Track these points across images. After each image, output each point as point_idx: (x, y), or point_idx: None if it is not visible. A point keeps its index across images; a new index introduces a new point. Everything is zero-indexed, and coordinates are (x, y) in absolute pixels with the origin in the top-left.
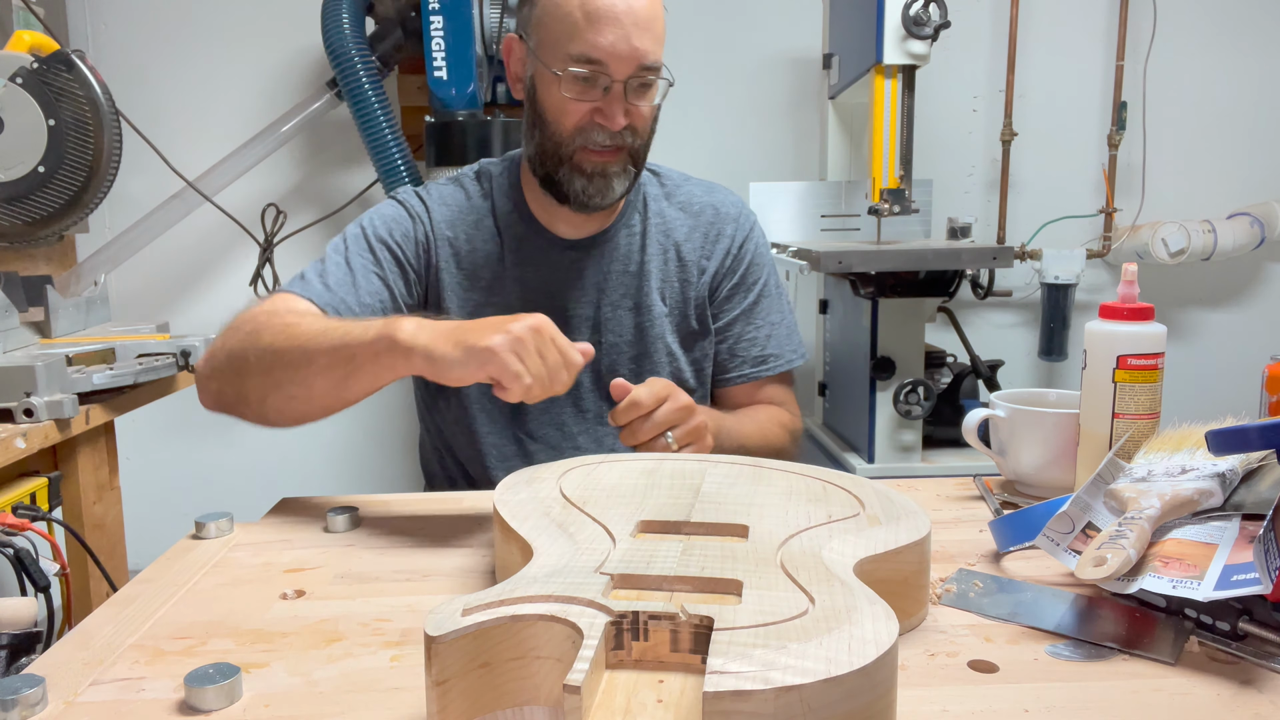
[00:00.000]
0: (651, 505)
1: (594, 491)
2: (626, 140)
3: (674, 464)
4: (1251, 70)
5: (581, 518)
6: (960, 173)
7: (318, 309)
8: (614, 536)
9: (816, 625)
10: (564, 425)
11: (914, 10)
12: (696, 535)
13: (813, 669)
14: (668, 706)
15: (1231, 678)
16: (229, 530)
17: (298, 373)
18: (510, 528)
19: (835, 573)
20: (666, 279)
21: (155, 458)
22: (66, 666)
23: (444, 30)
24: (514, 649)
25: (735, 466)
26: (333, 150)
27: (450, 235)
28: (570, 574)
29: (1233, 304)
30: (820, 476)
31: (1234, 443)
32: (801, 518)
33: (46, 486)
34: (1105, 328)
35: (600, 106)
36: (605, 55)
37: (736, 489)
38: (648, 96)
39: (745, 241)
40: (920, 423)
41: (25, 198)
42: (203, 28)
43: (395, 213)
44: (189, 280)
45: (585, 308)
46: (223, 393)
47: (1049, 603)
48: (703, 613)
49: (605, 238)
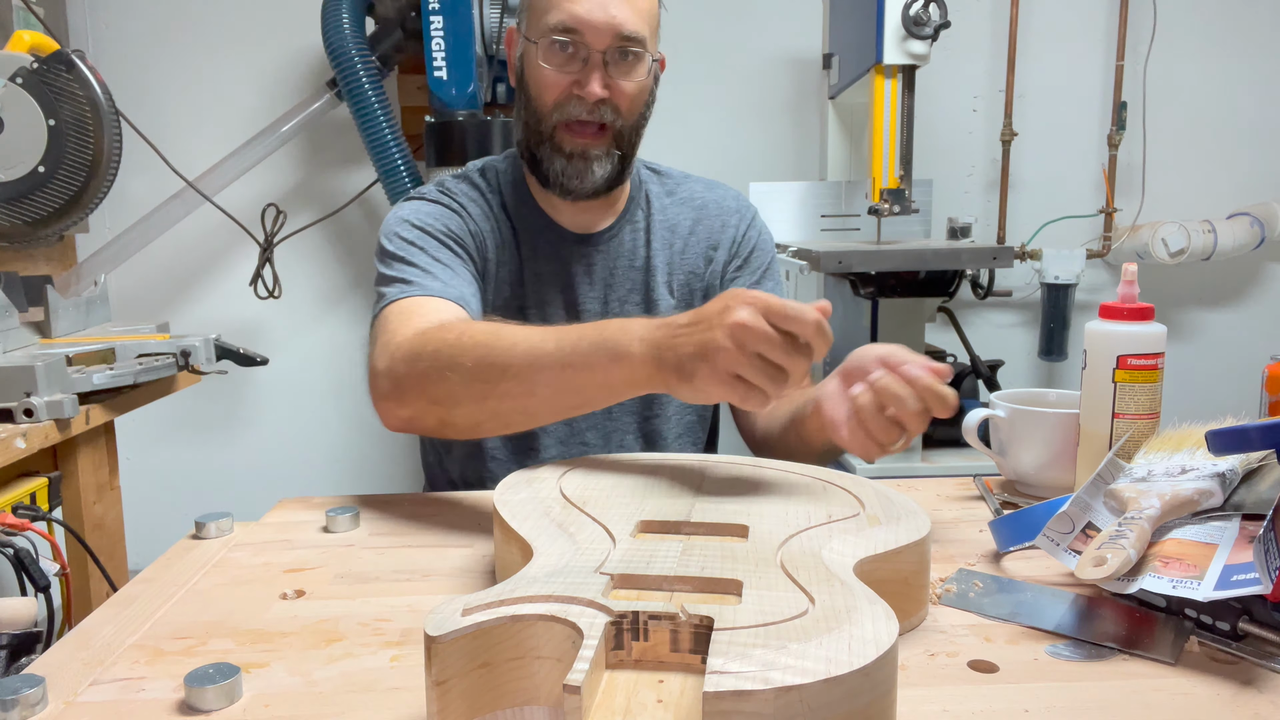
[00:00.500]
0: (651, 505)
1: (594, 491)
2: (607, 118)
3: (674, 464)
4: (1251, 70)
5: (581, 518)
6: (960, 173)
7: (446, 301)
8: (614, 536)
9: (816, 625)
10: (571, 421)
11: (914, 10)
12: (696, 535)
13: (813, 669)
14: (667, 706)
15: (1231, 678)
16: (229, 530)
17: (525, 394)
18: (510, 528)
19: (835, 573)
20: (672, 273)
21: (155, 458)
22: (66, 666)
23: (444, 30)
24: (514, 649)
25: (735, 466)
26: (333, 150)
27: (475, 229)
28: (570, 574)
29: (1233, 304)
30: (820, 476)
31: (1234, 443)
32: (801, 517)
33: (46, 486)
34: (1105, 328)
35: (579, 78)
36: (580, 24)
37: (736, 488)
38: (631, 73)
39: (749, 230)
40: None
41: (25, 198)
42: (203, 28)
43: (436, 210)
44: (189, 280)
45: (594, 302)
46: (417, 419)
47: (1048, 603)
48: (702, 613)
49: (611, 233)
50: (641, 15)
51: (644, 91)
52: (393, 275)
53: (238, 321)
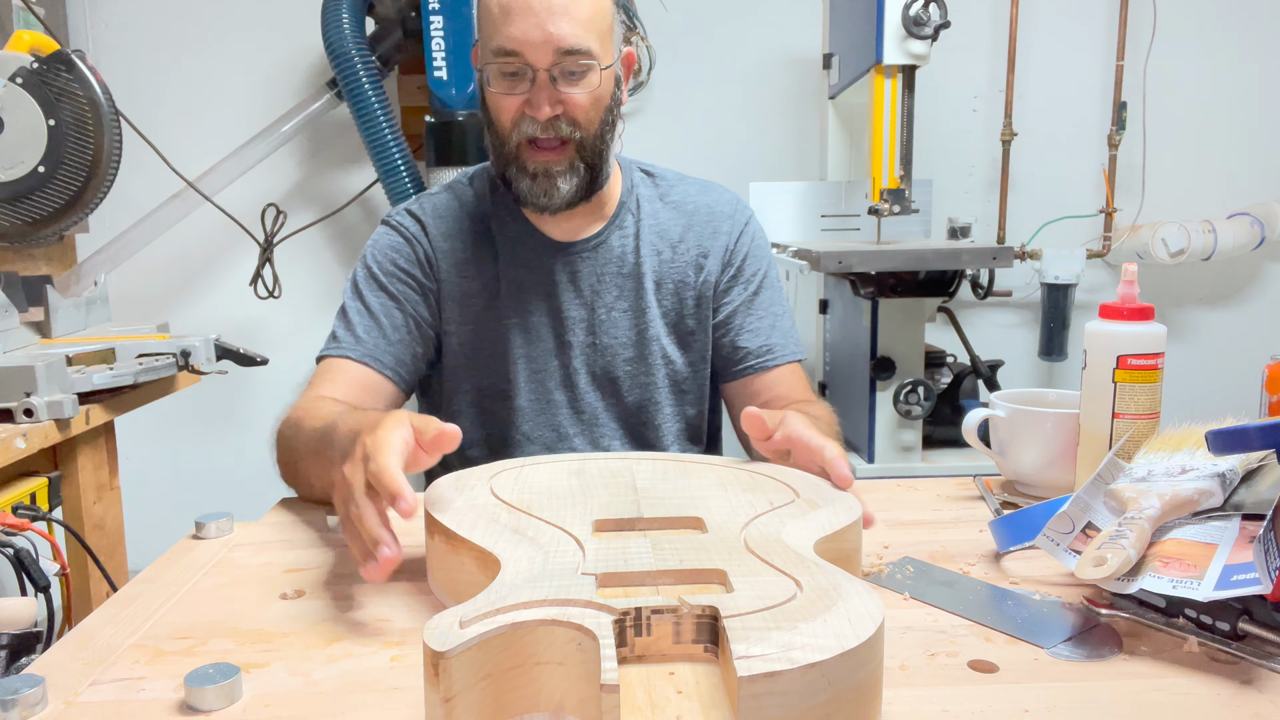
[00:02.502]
0: (597, 504)
1: (532, 495)
2: (564, 132)
3: (600, 463)
4: (1251, 70)
5: (534, 522)
6: (960, 173)
7: (355, 361)
8: (576, 538)
9: (814, 605)
10: (559, 427)
11: (914, 10)
12: (654, 530)
13: (827, 645)
14: (689, 696)
15: (1231, 678)
16: (229, 530)
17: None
18: (460, 536)
19: (803, 555)
20: (661, 280)
21: (155, 458)
22: (66, 666)
23: (444, 30)
24: (513, 658)
25: (660, 462)
26: (333, 150)
27: (448, 247)
28: (553, 578)
29: (1233, 304)
30: (745, 467)
31: (1234, 443)
32: (747, 506)
33: (46, 486)
34: (1105, 328)
35: (529, 98)
36: (519, 44)
37: (670, 483)
38: (581, 84)
39: (741, 236)
40: (920, 423)
41: (25, 198)
42: (203, 28)
43: (392, 241)
44: (189, 280)
45: (580, 310)
46: (288, 479)
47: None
48: (702, 603)
49: (598, 240)
50: (583, 24)
51: (601, 99)
52: (334, 325)
53: (238, 321)
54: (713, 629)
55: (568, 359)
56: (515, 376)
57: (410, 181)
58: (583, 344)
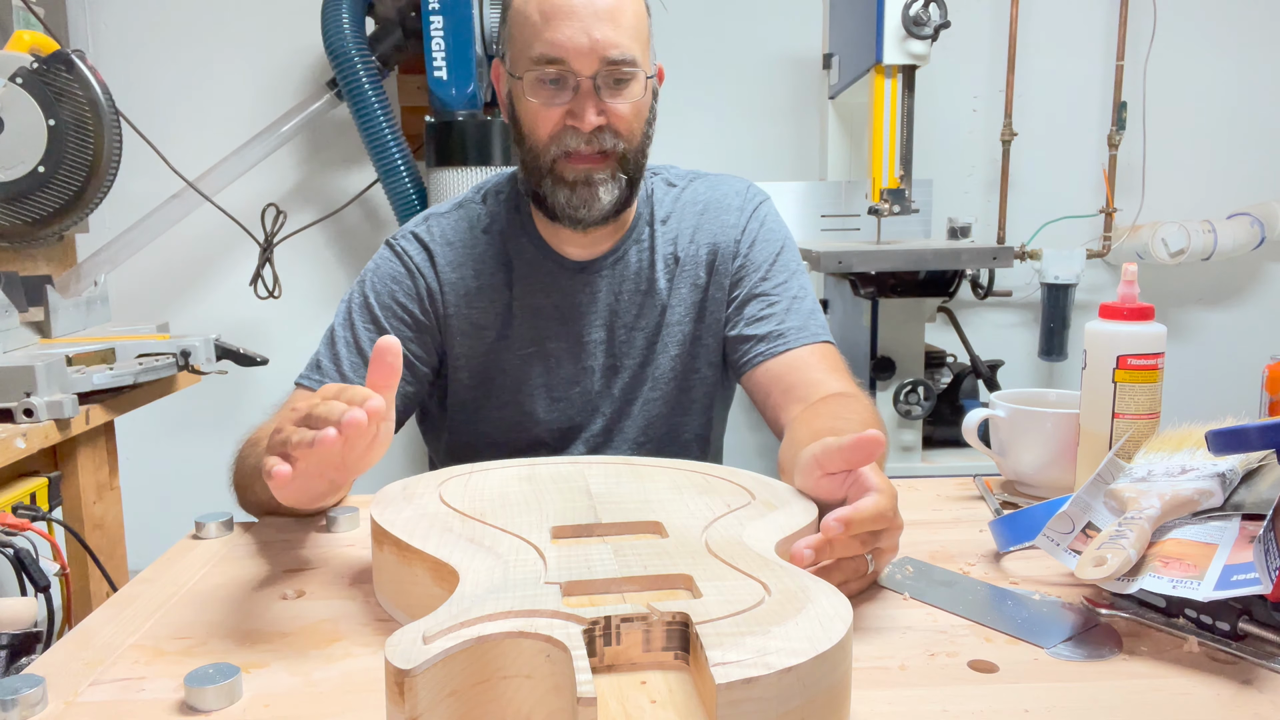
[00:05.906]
0: (553, 510)
1: (484, 503)
2: (607, 144)
3: (551, 467)
4: (1251, 70)
5: (490, 530)
6: (960, 173)
7: None
8: (535, 546)
9: (784, 608)
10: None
11: (914, 10)
12: (613, 536)
13: (801, 649)
14: (663, 705)
15: (1231, 678)
16: (229, 530)
17: None
18: (413, 548)
19: (766, 557)
20: (675, 290)
21: (155, 458)
22: (66, 666)
23: (444, 30)
24: (479, 672)
25: (612, 465)
26: (333, 150)
27: (456, 277)
28: (515, 588)
29: (1233, 304)
30: (697, 469)
31: (1234, 443)
32: (704, 509)
33: (46, 486)
34: (1105, 328)
35: (571, 108)
36: (564, 52)
37: (624, 488)
38: (625, 94)
39: (749, 222)
40: (920, 423)
41: (25, 198)
42: (203, 28)
43: (394, 270)
44: (189, 280)
45: (598, 331)
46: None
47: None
48: (672, 609)
49: (616, 256)
50: (628, 32)
51: (643, 110)
52: (318, 351)
53: (238, 321)
54: (683, 636)
55: (589, 386)
56: (534, 408)
57: (410, 181)
58: (603, 367)
